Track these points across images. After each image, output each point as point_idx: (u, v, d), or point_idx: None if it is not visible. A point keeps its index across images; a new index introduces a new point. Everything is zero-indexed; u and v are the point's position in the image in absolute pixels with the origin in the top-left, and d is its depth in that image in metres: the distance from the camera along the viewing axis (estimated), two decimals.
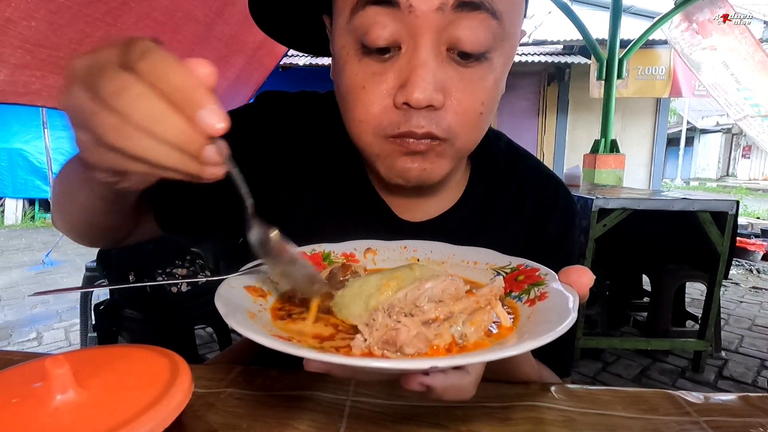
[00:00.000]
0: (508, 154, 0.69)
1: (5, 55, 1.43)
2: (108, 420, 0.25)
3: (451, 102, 0.48)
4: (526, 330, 0.36)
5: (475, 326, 0.36)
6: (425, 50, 0.45)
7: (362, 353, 0.34)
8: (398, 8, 0.44)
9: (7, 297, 3.67)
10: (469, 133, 0.51)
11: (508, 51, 0.50)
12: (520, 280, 0.45)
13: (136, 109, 0.27)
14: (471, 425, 0.44)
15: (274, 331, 0.37)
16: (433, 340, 0.34)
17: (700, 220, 2.11)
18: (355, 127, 0.51)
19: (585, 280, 0.39)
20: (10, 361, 0.50)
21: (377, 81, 0.47)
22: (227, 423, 0.43)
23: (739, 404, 0.49)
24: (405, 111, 0.47)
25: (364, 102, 0.48)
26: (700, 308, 2.38)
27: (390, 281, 0.41)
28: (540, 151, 7.81)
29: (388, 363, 0.29)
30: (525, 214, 0.66)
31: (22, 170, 7.07)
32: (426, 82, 0.45)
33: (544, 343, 0.30)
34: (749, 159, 19.85)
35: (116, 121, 0.27)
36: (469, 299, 0.37)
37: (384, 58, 0.47)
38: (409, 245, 0.56)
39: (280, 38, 0.66)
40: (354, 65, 0.48)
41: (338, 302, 0.42)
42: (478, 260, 0.52)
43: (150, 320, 1.82)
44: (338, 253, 0.54)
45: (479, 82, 0.48)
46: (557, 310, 0.36)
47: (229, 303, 0.37)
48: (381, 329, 0.34)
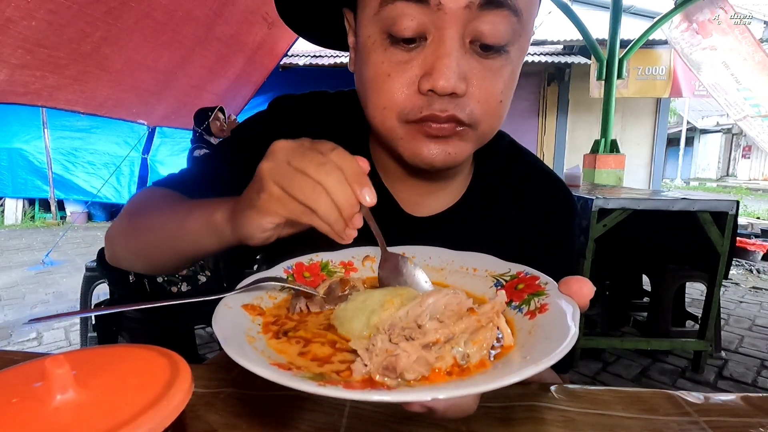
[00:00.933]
0: (511, 153, 0.71)
1: (5, 55, 1.43)
2: (108, 420, 0.25)
3: (472, 90, 0.50)
4: (528, 347, 0.35)
5: (477, 345, 0.36)
6: (451, 41, 0.48)
7: (363, 378, 0.34)
8: (427, 5, 0.47)
9: (7, 297, 3.67)
10: (490, 120, 0.54)
11: (523, 44, 0.54)
12: (520, 289, 0.44)
13: (329, 176, 0.39)
14: (471, 425, 0.44)
15: (272, 356, 0.36)
16: (435, 363, 0.34)
17: (700, 220, 2.11)
18: (379, 113, 0.53)
19: (585, 291, 0.39)
20: (10, 361, 0.50)
21: (402, 69, 0.50)
22: (227, 423, 0.43)
23: (739, 404, 0.49)
24: (429, 97, 0.50)
25: (390, 89, 0.51)
26: (700, 308, 2.38)
27: (394, 298, 0.41)
28: (540, 151, 7.81)
29: (389, 396, 0.29)
30: (525, 210, 0.68)
31: (22, 170, 7.07)
32: (451, 71, 0.47)
33: (547, 366, 0.30)
34: (749, 159, 19.84)
35: (312, 183, 0.39)
36: (470, 318, 0.36)
37: (410, 47, 0.49)
38: (408, 251, 0.55)
39: (298, 28, 0.69)
40: (380, 54, 0.51)
41: (339, 315, 0.42)
42: (477, 267, 0.51)
43: (150, 320, 1.82)
44: (336, 262, 0.54)
45: (498, 73, 0.51)
46: (558, 325, 0.36)
47: (228, 328, 0.37)
48: (381, 354, 0.34)
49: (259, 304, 0.44)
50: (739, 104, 5.88)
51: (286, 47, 3.44)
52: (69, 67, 1.73)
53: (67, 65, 1.71)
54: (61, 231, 5.75)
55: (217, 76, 2.93)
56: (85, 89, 2.03)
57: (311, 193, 0.39)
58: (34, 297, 3.65)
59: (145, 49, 2.02)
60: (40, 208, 7.53)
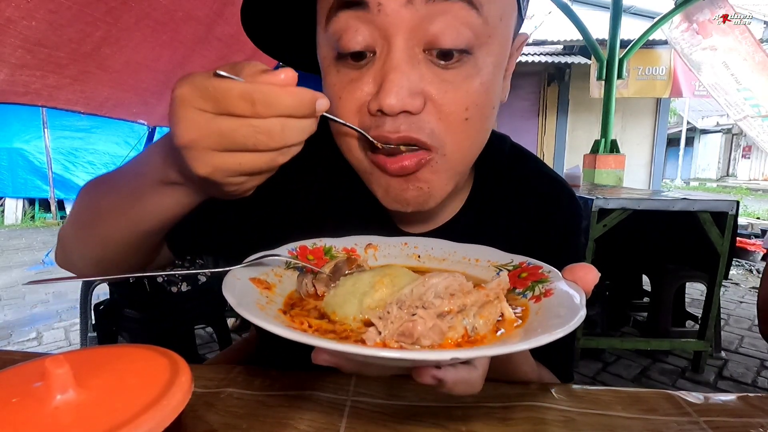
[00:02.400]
0: (512, 158, 0.68)
1: (5, 55, 1.43)
2: (108, 420, 0.25)
3: (431, 107, 0.45)
4: (537, 325, 0.36)
5: (484, 319, 0.37)
6: (398, 52, 0.43)
7: (376, 345, 0.34)
8: (368, 9, 0.42)
9: (7, 297, 3.67)
10: (458, 141, 0.47)
11: (497, 51, 0.46)
12: (524, 277, 0.45)
13: (280, 99, 0.32)
14: (471, 425, 0.44)
15: (285, 323, 0.37)
16: (447, 332, 0.35)
17: (701, 221, 2.11)
18: (340, 142, 0.50)
19: (590, 277, 0.39)
20: (10, 361, 0.50)
21: (353, 89, 0.46)
22: (227, 423, 0.43)
23: (739, 404, 0.49)
24: (379, 117, 0.45)
25: (342, 112, 0.46)
26: (700, 308, 2.38)
27: (383, 278, 0.41)
28: (540, 152, 7.81)
29: (413, 354, 0.29)
30: (528, 217, 0.65)
31: (22, 170, 7.07)
32: (399, 87, 0.42)
33: (559, 337, 0.31)
34: (749, 159, 19.84)
35: (264, 122, 0.33)
36: (479, 292, 0.37)
37: (360, 64, 0.45)
38: (410, 242, 0.56)
39: (275, 54, 0.62)
40: (332, 76, 0.47)
41: (330, 302, 0.42)
42: (479, 257, 0.52)
43: (150, 320, 1.82)
44: (339, 248, 0.54)
45: (462, 85, 0.45)
46: (566, 305, 0.37)
47: (238, 294, 0.37)
48: (396, 321, 0.35)
49: (265, 278, 0.44)
50: (739, 104, 5.88)
51: None
52: (69, 67, 1.73)
53: (68, 65, 1.71)
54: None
55: None
56: (85, 89, 2.03)
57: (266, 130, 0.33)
58: (34, 297, 3.65)
59: (145, 49, 2.02)
60: (40, 208, 7.53)
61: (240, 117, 0.33)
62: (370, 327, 0.36)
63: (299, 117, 0.34)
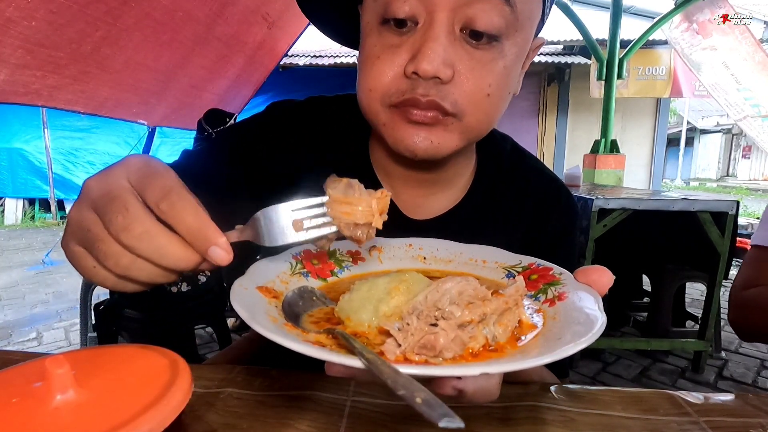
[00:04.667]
0: (513, 156, 0.71)
1: (5, 55, 1.43)
2: (108, 420, 0.25)
3: (459, 79, 0.49)
4: (557, 332, 0.35)
5: (503, 327, 0.36)
6: (439, 26, 0.48)
7: (396, 359, 0.33)
8: None
9: (7, 297, 3.67)
10: (476, 113, 0.52)
11: (520, 44, 0.52)
12: (534, 280, 0.45)
13: (142, 244, 0.31)
14: (471, 425, 0.44)
15: (299, 336, 0.36)
16: (469, 342, 0.34)
17: (701, 221, 2.11)
18: (365, 96, 0.53)
19: (605, 280, 0.39)
20: (10, 361, 0.50)
21: (392, 52, 0.50)
22: (227, 423, 0.43)
23: (739, 404, 0.49)
24: (413, 80, 0.49)
25: (377, 71, 0.51)
26: (700, 308, 2.38)
27: (399, 285, 0.40)
28: (540, 152, 7.81)
29: (445, 370, 0.29)
30: (526, 213, 0.68)
31: (22, 170, 7.07)
32: (435, 54, 0.47)
33: (584, 347, 0.30)
34: (749, 159, 19.84)
35: (118, 250, 0.32)
36: (498, 300, 0.37)
37: (402, 31, 0.50)
38: (415, 243, 0.56)
39: (321, 26, 0.68)
40: (374, 37, 0.52)
41: (344, 308, 0.41)
42: (486, 258, 0.51)
43: (150, 320, 1.82)
44: (344, 251, 0.54)
45: (488, 65, 0.50)
46: (584, 311, 0.36)
47: (249, 307, 0.36)
48: (417, 333, 0.34)
49: (272, 286, 0.44)
50: (739, 104, 5.88)
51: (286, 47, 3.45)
52: (69, 67, 1.73)
53: (68, 65, 1.71)
54: (61, 231, 5.74)
55: (217, 76, 2.93)
56: (85, 89, 2.03)
57: (119, 266, 0.33)
58: (34, 297, 3.65)
59: (145, 49, 2.02)
60: (40, 208, 7.53)
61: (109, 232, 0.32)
62: (388, 338, 0.35)
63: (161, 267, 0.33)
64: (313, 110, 0.69)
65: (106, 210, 0.32)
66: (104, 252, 0.32)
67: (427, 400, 0.25)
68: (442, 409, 0.25)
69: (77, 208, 0.34)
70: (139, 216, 0.32)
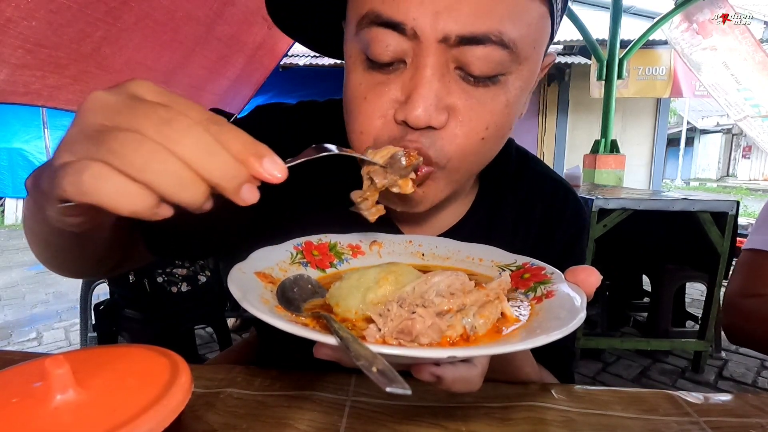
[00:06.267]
0: (518, 161, 0.68)
1: (5, 55, 1.43)
2: (108, 420, 0.25)
3: (454, 122, 0.45)
4: (536, 326, 0.37)
5: (484, 319, 0.37)
6: (429, 69, 0.43)
7: (376, 341, 0.35)
8: (404, 33, 0.43)
9: (7, 297, 3.67)
10: (464, 158, 0.48)
11: (526, 76, 0.48)
12: (526, 278, 0.46)
13: (188, 138, 0.25)
14: (471, 425, 0.44)
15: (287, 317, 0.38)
16: (446, 331, 0.35)
17: (701, 221, 2.11)
18: (356, 137, 0.50)
19: (592, 280, 0.40)
20: (10, 361, 0.50)
21: (380, 92, 0.46)
22: (227, 423, 0.43)
23: (739, 404, 0.49)
24: (404, 128, 0.46)
25: (366, 114, 0.47)
26: (700, 308, 2.38)
27: (388, 275, 0.42)
28: (540, 152, 7.81)
29: (411, 351, 0.30)
30: (533, 222, 0.65)
31: (22, 170, 7.07)
32: (427, 102, 0.43)
33: (557, 338, 0.31)
34: (749, 159, 19.84)
35: (152, 147, 0.25)
36: (479, 292, 0.38)
37: (388, 70, 0.46)
38: (414, 239, 0.56)
39: (299, 38, 0.65)
40: (358, 74, 0.48)
41: (335, 294, 0.43)
42: (483, 257, 0.52)
43: (150, 320, 1.82)
44: (344, 244, 0.54)
45: (488, 104, 0.46)
46: (566, 307, 0.37)
47: (243, 288, 0.37)
48: (396, 319, 0.35)
49: (270, 273, 0.45)
50: (739, 104, 5.88)
51: (286, 47, 3.45)
52: (69, 67, 1.73)
53: (68, 65, 1.71)
54: None
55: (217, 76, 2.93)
56: (85, 89, 2.03)
57: (156, 162, 0.25)
58: (34, 297, 3.65)
59: (145, 49, 2.02)
60: None
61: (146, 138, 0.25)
62: (371, 324, 0.36)
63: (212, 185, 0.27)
64: (303, 116, 0.65)
65: (136, 107, 0.26)
66: (130, 144, 0.25)
67: (382, 370, 0.27)
68: (395, 377, 0.26)
69: (81, 118, 0.27)
70: (184, 111, 0.26)
